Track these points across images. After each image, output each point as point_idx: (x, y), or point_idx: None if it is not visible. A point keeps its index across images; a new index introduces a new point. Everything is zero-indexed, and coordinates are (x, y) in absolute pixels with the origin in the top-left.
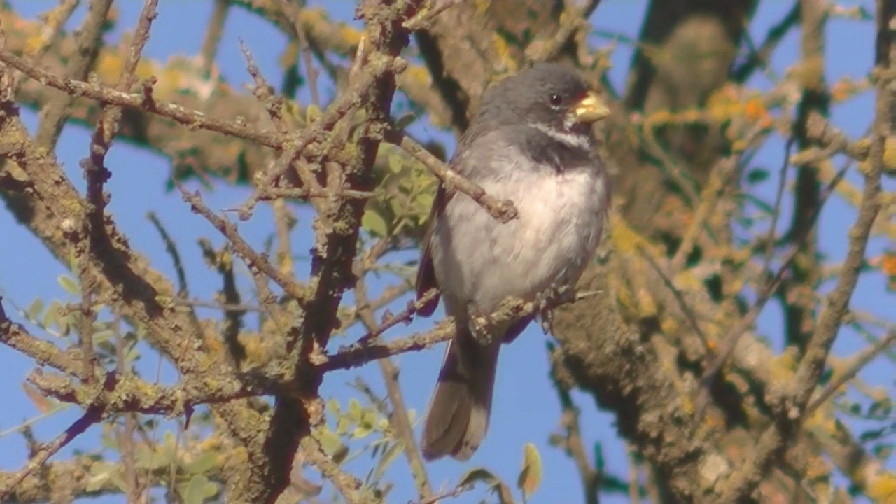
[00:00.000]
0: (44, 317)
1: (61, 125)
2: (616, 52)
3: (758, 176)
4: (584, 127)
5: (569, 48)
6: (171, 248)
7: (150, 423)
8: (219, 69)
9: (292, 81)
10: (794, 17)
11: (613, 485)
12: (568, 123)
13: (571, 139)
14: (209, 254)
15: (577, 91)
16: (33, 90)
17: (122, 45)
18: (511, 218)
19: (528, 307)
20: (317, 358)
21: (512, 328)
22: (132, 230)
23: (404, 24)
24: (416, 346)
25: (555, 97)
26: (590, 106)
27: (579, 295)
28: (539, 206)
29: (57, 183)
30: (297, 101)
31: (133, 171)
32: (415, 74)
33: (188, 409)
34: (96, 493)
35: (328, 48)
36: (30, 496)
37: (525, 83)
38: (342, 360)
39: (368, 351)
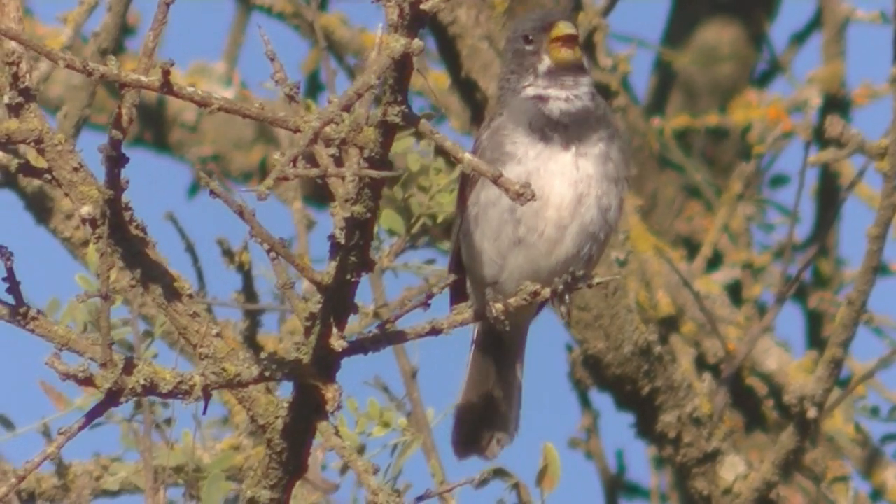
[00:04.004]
0: (61, 315)
1: (80, 126)
2: (638, 57)
3: (779, 181)
4: (566, 73)
5: (587, 49)
6: (190, 248)
7: (167, 422)
8: (240, 75)
9: (314, 87)
10: (816, 22)
11: (635, 491)
12: (542, 68)
13: (560, 95)
14: (227, 253)
15: (546, 22)
16: (55, 96)
17: (142, 50)
18: (529, 199)
19: (546, 292)
20: (336, 343)
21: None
22: (152, 235)
23: (422, 6)
24: (434, 331)
25: (527, 37)
26: (558, 40)
27: (596, 280)
28: (557, 183)
29: (75, 169)
30: (318, 105)
31: (154, 178)
32: (434, 78)
33: (206, 394)
34: (114, 494)
35: (348, 53)
36: (49, 496)
37: (506, 41)
38: (360, 346)
39: (386, 336)
